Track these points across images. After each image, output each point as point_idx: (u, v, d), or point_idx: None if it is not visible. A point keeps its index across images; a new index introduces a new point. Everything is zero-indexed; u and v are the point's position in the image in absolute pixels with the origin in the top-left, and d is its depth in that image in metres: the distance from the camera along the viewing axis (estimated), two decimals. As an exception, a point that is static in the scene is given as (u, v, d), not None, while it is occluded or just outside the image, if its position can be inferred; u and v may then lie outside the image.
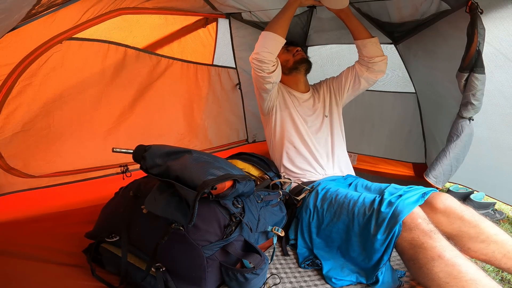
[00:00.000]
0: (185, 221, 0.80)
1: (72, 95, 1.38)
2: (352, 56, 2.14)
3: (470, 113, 1.33)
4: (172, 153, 0.91)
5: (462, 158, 1.42)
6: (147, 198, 0.87)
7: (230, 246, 0.90)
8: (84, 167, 1.52)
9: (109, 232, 0.95)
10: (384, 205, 0.95)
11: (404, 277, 1.01)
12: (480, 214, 0.98)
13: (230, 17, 1.88)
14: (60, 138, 1.39)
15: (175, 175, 0.85)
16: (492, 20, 1.20)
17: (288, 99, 1.50)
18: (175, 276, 0.85)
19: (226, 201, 0.93)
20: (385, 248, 0.91)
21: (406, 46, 1.83)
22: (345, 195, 1.10)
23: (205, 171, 0.86)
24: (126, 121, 1.61)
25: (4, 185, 1.28)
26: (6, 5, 0.71)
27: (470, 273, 0.77)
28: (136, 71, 1.60)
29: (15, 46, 1.13)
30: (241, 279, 0.85)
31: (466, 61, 1.23)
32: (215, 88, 2.06)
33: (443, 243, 0.83)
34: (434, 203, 0.99)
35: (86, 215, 1.29)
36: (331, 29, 1.94)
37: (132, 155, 0.93)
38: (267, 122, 1.52)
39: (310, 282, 0.98)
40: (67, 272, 0.96)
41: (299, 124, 1.44)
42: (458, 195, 2.01)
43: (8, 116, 1.21)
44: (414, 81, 2.00)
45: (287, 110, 1.47)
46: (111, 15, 1.34)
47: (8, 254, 1.02)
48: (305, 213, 1.16)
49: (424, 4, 1.37)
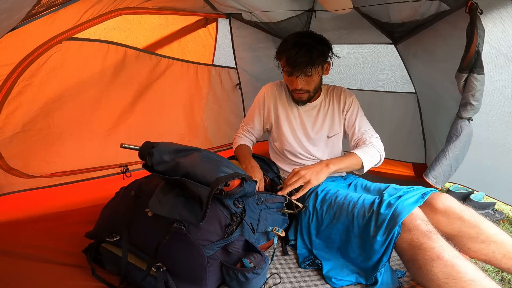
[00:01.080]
0: (195, 219, 0.80)
1: (72, 95, 1.38)
2: (352, 56, 2.15)
3: (469, 114, 1.33)
4: (181, 150, 0.91)
5: (461, 159, 1.42)
6: (150, 201, 0.87)
7: (231, 246, 0.90)
8: (84, 167, 1.52)
9: (109, 232, 0.95)
10: (384, 206, 0.95)
11: (404, 277, 1.01)
12: (480, 214, 0.99)
13: (230, 17, 1.88)
14: (60, 138, 1.40)
15: (185, 172, 0.84)
16: (491, 20, 1.21)
17: (284, 116, 1.39)
18: (176, 276, 0.85)
19: (227, 200, 0.93)
20: (384, 249, 0.91)
21: (406, 46, 1.83)
22: (344, 196, 1.10)
23: (217, 168, 0.86)
24: (126, 121, 1.61)
25: (4, 185, 1.28)
26: (7, 5, 0.71)
27: (469, 273, 0.77)
28: (136, 71, 1.60)
29: (15, 46, 1.13)
30: (241, 278, 0.85)
31: (466, 62, 1.23)
32: (215, 88, 2.06)
33: (442, 243, 0.83)
34: (434, 204, 1.00)
35: (86, 215, 1.29)
36: (331, 29, 1.95)
37: (138, 152, 0.92)
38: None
39: (310, 282, 0.98)
40: (67, 272, 0.96)
41: (299, 134, 1.39)
42: (458, 195, 2.01)
43: (8, 117, 1.21)
44: (414, 81, 2.00)
45: (284, 127, 1.39)
46: (111, 15, 1.34)
47: (8, 254, 1.02)
48: (304, 214, 1.16)
49: (423, 5, 1.37)
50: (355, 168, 1.22)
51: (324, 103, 1.39)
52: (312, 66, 1.18)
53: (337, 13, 1.54)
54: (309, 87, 1.26)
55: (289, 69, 1.20)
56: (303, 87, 1.25)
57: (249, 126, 1.50)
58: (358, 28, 1.84)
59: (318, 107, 1.38)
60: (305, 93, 1.28)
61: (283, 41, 1.25)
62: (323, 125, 1.37)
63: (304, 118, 1.38)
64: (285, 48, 1.19)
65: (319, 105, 1.38)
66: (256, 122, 1.47)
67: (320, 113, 1.38)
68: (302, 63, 1.16)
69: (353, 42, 2.03)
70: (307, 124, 1.38)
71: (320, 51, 1.19)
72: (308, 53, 1.16)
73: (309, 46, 1.17)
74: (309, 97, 1.31)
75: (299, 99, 1.31)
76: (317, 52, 1.18)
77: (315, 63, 1.19)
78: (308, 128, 1.38)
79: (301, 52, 1.15)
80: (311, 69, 1.19)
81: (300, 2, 1.74)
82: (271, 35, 2.05)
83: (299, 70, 1.18)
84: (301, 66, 1.17)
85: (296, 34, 1.22)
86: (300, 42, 1.17)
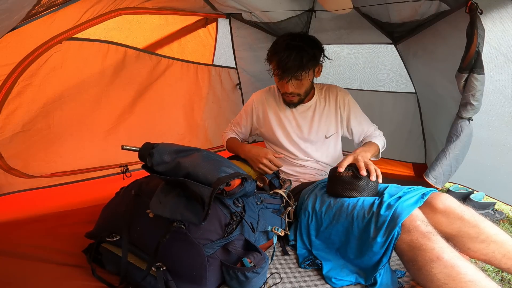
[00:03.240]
0: (197, 219, 0.80)
1: (72, 95, 1.38)
2: (352, 56, 2.15)
3: (470, 114, 1.33)
4: (181, 150, 0.91)
5: (461, 159, 1.42)
6: (151, 202, 0.86)
7: (231, 245, 0.91)
8: (84, 167, 1.52)
9: (109, 231, 0.95)
10: (384, 207, 0.95)
11: (404, 278, 1.01)
12: (480, 214, 0.98)
13: (230, 17, 1.88)
14: (60, 138, 1.40)
15: (186, 172, 0.84)
16: (491, 20, 1.21)
17: (275, 121, 1.38)
18: (176, 275, 0.85)
19: (227, 200, 0.93)
20: (384, 250, 0.91)
21: (406, 46, 1.83)
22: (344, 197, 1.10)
23: (218, 169, 0.86)
24: (126, 121, 1.61)
25: (4, 185, 1.28)
26: (7, 5, 0.71)
27: (469, 274, 0.77)
28: (136, 71, 1.60)
29: (15, 46, 1.13)
30: (241, 277, 0.85)
31: (466, 62, 1.23)
32: (215, 88, 2.06)
33: (442, 244, 0.82)
34: (433, 204, 0.99)
35: (86, 215, 1.29)
36: (331, 29, 1.95)
37: (138, 152, 0.92)
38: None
39: (310, 282, 0.98)
40: (67, 272, 0.96)
41: (295, 137, 1.38)
42: (458, 195, 2.01)
43: (8, 116, 1.21)
44: (414, 81, 2.00)
45: (277, 132, 1.38)
46: (111, 15, 1.34)
47: (8, 254, 1.02)
48: (303, 215, 1.16)
49: (423, 5, 1.37)
50: (375, 155, 1.30)
51: (319, 103, 1.38)
52: (302, 70, 1.18)
53: (337, 13, 1.54)
54: (300, 91, 1.26)
55: (280, 72, 1.19)
56: (294, 90, 1.24)
57: (235, 128, 1.53)
58: (358, 28, 1.84)
59: (314, 107, 1.37)
60: (296, 96, 1.28)
61: (274, 43, 1.23)
62: (319, 125, 1.36)
63: (299, 120, 1.37)
64: (276, 51, 1.18)
65: (314, 105, 1.38)
66: (243, 128, 1.50)
67: (316, 113, 1.37)
68: (293, 68, 1.15)
69: (353, 42, 2.03)
70: (303, 126, 1.37)
71: (311, 55, 1.18)
72: (299, 57, 1.15)
73: (300, 49, 1.15)
74: (299, 100, 1.31)
75: (290, 102, 1.31)
76: (308, 55, 1.17)
77: (306, 67, 1.18)
78: (304, 130, 1.37)
79: (291, 56, 1.14)
80: (301, 73, 1.18)
81: (300, 2, 1.74)
82: (271, 35, 2.05)
83: (289, 74, 1.17)
84: (292, 70, 1.16)
85: (288, 36, 1.20)
86: (291, 45, 1.16)
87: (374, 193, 1.06)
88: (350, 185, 1.05)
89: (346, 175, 1.07)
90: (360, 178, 1.05)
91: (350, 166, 1.10)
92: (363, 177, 1.05)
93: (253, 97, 1.46)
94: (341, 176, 1.08)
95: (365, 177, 1.05)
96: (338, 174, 1.09)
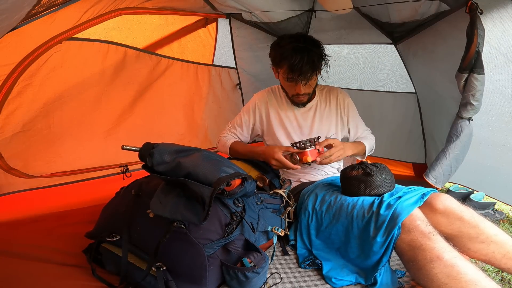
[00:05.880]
0: (197, 219, 0.80)
1: (72, 95, 1.38)
2: (352, 56, 2.15)
3: (470, 114, 1.33)
4: (181, 150, 0.91)
5: (461, 159, 1.42)
6: (151, 202, 0.87)
7: (231, 245, 0.91)
8: (84, 167, 1.52)
9: (109, 231, 0.95)
10: (383, 207, 0.95)
11: (404, 277, 1.01)
12: (480, 214, 0.98)
13: (230, 17, 1.88)
14: (60, 138, 1.40)
15: (186, 172, 0.84)
16: (491, 20, 1.21)
17: (276, 122, 1.38)
18: (176, 275, 0.85)
19: (228, 200, 0.93)
20: (384, 250, 0.91)
21: (406, 46, 1.83)
22: (344, 197, 1.10)
23: (218, 169, 0.86)
24: (126, 121, 1.61)
25: (4, 185, 1.28)
26: (7, 5, 0.71)
27: (469, 274, 0.77)
28: (136, 71, 1.60)
29: (15, 46, 1.13)
30: (241, 277, 0.85)
31: (466, 62, 1.23)
32: (215, 88, 2.06)
33: (442, 244, 0.83)
34: (433, 204, 0.99)
35: (86, 215, 1.29)
36: (331, 29, 1.95)
37: (138, 152, 0.92)
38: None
39: (310, 282, 0.98)
40: (67, 272, 0.96)
41: (296, 138, 1.37)
42: (458, 195, 2.01)
43: (8, 116, 1.21)
44: (414, 81, 2.00)
45: (278, 133, 1.38)
46: (111, 15, 1.34)
47: (8, 254, 1.02)
48: (303, 215, 1.16)
49: (423, 5, 1.37)
50: (359, 154, 1.37)
51: (320, 103, 1.39)
52: (316, 71, 1.22)
53: (337, 13, 1.54)
54: (310, 90, 1.29)
55: (294, 76, 1.19)
56: (305, 91, 1.26)
57: (236, 131, 1.47)
58: (358, 28, 1.84)
59: (315, 108, 1.38)
60: (306, 96, 1.31)
61: (277, 47, 1.22)
62: (320, 126, 1.37)
63: (300, 120, 1.38)
64: (285, 56, 1.18)
65: (315, 106, 1.39)
66: (245, 128, 1.45)
67: (317, 114, 1.38)
68: (308, 70, 1.17)
69: (353, 42, 2.03)
70: (304, 126, 1.37)
71: (318, 55, 1.21)
72: (311, 59, 1.17)
73: (308, 51, 1.17)
74: (309, 98, 1.33)
75: (300, 102, 1.33)
76: (317, 55, 1.20)
77: (317, 68, 1.23)
78: (305, 130, 1.37)
79: (304, 59, 1.15)
80: (315, 73, 1.23)
81: (300, 2, 1.74)
82: (271, 35, 2.05)
83: (305, 77, 1.19)
84: (307, 73, 1.18)
85: (291, 39, 1.20)
86: (299, 48, 1.16)
87: (391, 189, 1.06)
88: (364, 182, 1.05)
89: (357, 173, 1.08)
90: (371, 174, 1.05)
91: (359, 164, 1.10)
92: (375, 173, 1.05)
93: (255, 97, 1.45)
94: (353, 175, 1.08)
95: (377, 172, 1.05)
96: (349, 174, 1.09)
